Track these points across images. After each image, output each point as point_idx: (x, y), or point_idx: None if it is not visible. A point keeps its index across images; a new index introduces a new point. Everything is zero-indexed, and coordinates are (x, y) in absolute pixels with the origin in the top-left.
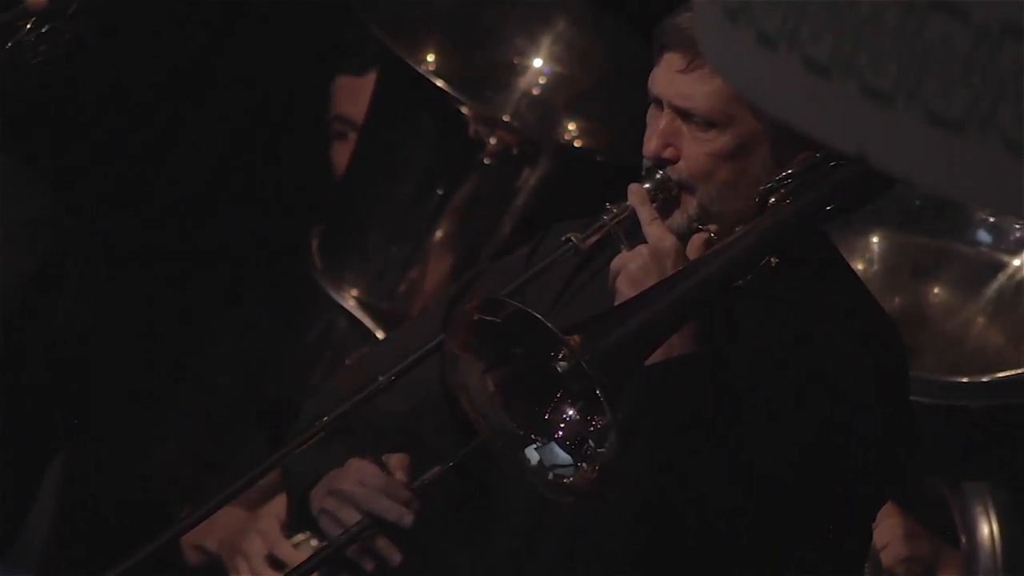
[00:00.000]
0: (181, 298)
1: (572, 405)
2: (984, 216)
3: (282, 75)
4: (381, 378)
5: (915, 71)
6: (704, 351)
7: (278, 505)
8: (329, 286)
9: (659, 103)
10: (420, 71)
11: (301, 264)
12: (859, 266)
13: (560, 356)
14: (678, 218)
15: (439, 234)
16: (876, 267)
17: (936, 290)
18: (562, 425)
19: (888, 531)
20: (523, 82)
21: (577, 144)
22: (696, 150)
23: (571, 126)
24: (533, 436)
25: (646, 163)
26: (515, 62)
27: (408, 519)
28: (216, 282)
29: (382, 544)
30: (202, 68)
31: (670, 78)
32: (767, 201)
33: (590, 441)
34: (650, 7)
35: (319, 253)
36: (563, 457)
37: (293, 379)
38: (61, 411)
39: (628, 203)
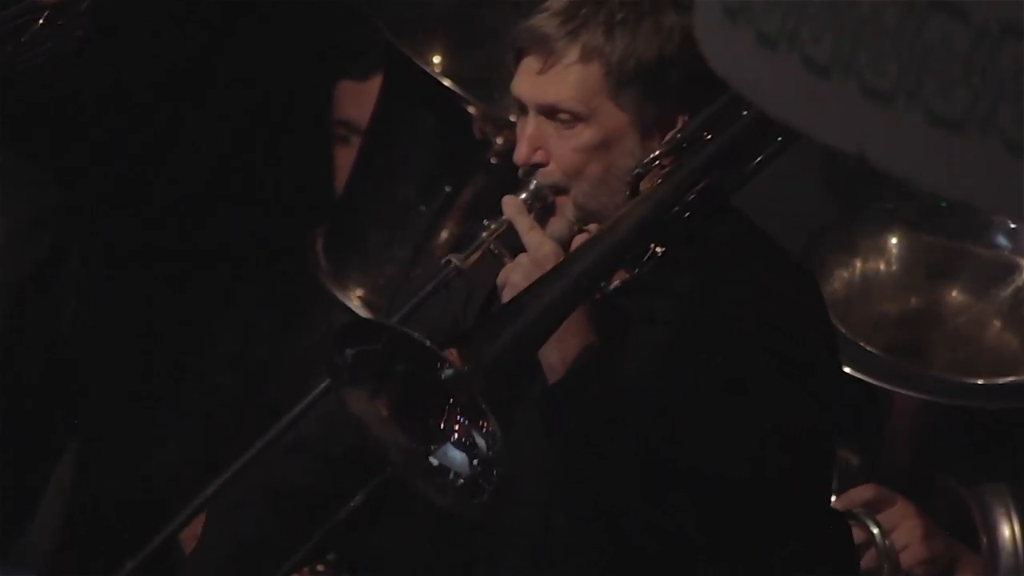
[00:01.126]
0: (181, 298)
1: (462, 412)
2: (1004, 219)
3: (283, 75)
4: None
5: (915, 71)
6: (598, 351)
7: None
8: (333, 286)
9: (524, 110)
10: (427, 70)
11: (305, 264)
12: (878, 266)
13: (444, 366)
14: (557, 224)
15: (444, 234)
16: (894, 267)
17: (953, 291)
18: (456, 429)
19: (907, 533)
20: None
21: None
22: (564, 148)
23: None
24: (432, 447)
25: (521, 173)
26: None
27: None
28: (216, 282)
29: None
30: (203, 68)
31: (531, 81)
32: (638, 185)
33: (481, 445)
34: None
35: (323, 253)
36: (460, 460)
37: (294, 380)
38: (62, 411)
39: (505, 216)
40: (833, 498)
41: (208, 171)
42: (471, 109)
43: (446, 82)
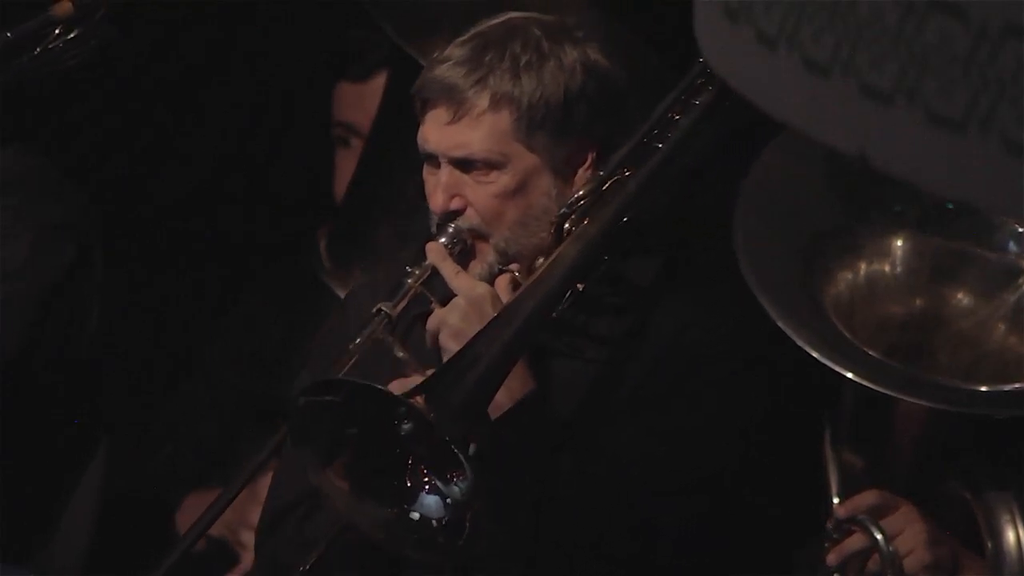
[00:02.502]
0: (185, 297)
1: (426, 465)
2: (1011, 222)
3: (285, 76)
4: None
5: (915, 71)
6: (541, 390)
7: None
8: (337, 286)
9: (433, 160)
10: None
11: (308, 264)
12: (884, 268)
13: (401, 422)
14: (477, 268)
15: None
16: (899, 269)
17: (959, 295)
18: (425, 482)
19: (912, 538)
20: None
21: None
22: (482, 194)
23: None
24: (405, 507)
25: (435, 219)
26: None
27: None
28: (219, 281)
29: None
30: (205, 68)
31: (440, 132)
32: (562, 227)
33: (453, 492)
34: (662, 14)
35: (327, 253)
36: (435, 504)
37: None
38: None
39: (428, 262)
40: (836, 501)
41: (211, 171)
42: None
43: None
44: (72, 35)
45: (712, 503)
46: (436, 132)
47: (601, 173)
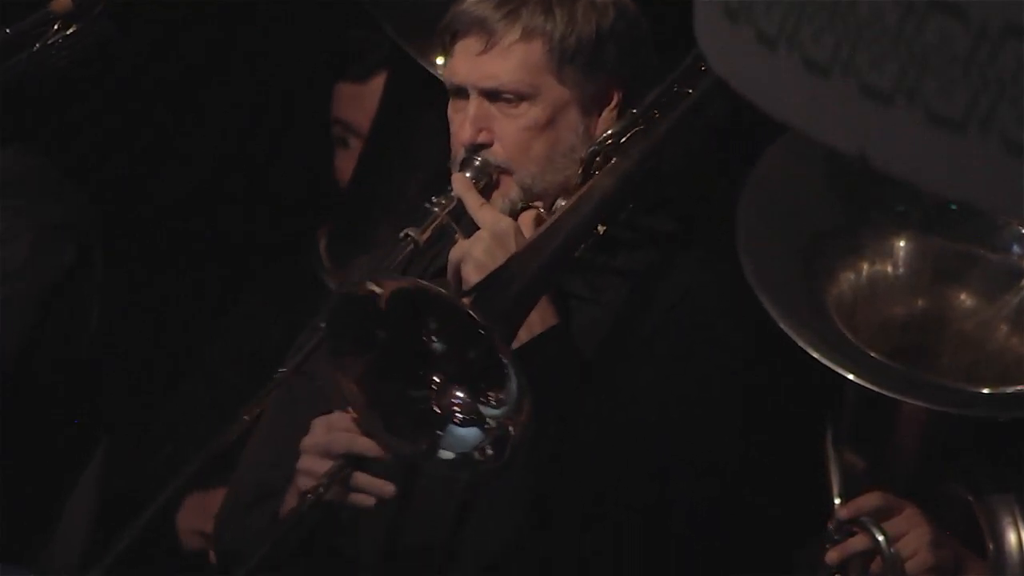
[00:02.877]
0: (185, 297)
1: (459, 386)
2: (1015, 223)
3: (284, 76)
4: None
5: (915, 71)
6: (560, 326)
7: None
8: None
9: (460, 94)
10: (431, 71)
11: (308, 264)
12: (886, 268)
13: (433, 339)
14: (499, 202)
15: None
16: (902, 270)
17: (961, 295)
18: (456, 409)
19: (915, 540)
20: None
21: None
22: (510, 127)
23: None
24: (438, 432)
25: (461, 153)
26: None
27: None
28: (219, 281)
29: (368, 480)
30: (205, 68)
31: (470, 63)
32: (592, 164)
33: (492, 411)
34: (661, 10)
35: (327, 253)
36: (473, 437)
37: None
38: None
39: (454, 193)
40: (838, 502)
41: (210, 171)
42: None
43: None
44: (70, 31)
45: (722, 463)
46: (466, 63)
47: (634, 111)
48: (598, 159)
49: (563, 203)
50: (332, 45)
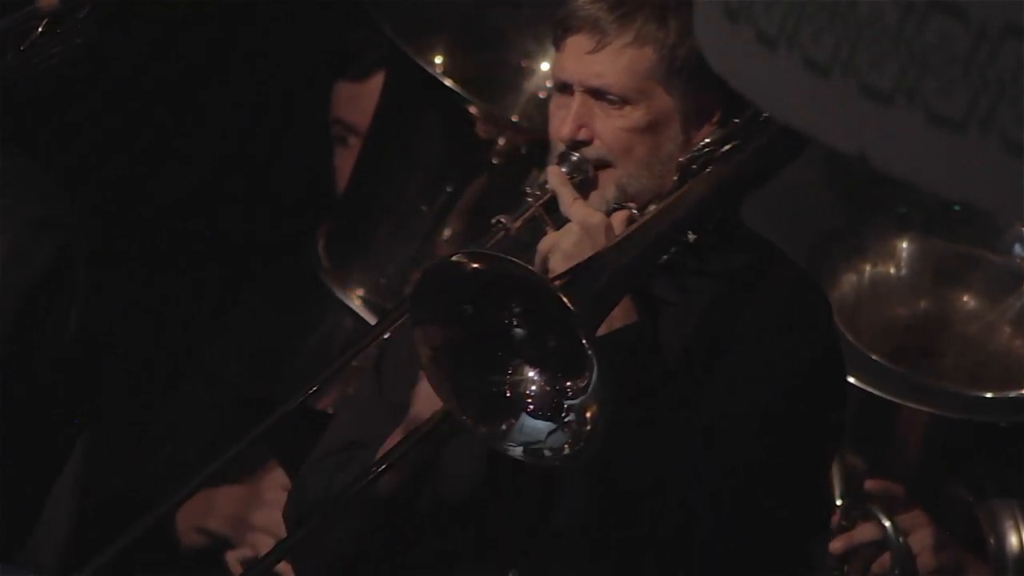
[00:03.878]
0: (185, 297)
1: (536, 371)
2: (1018, 225)
3: (284, 76)
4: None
5: (915, 71)
6: (641, 323)
7: (280, 475)
8: (335, 286)
9: (565, 90)
10: (430, 71)
11: (307, 264)
12: (888, 270)
13: (516, 323)
14: (595, 200)
15: (446, 234)
16: (904, 271)
17: (964, 297)
18: (529, 400)
19: (918, 542)
20: (531, 83)
21: None
22: (612, 126)
23: None
24: (512, 419)
25: (559, 147)
26: (522, 64)
27: None
28: (219, 281)
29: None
30: (205, 68)
31: (579, 60)
32: (689, 169)
33: (569, 403)
34: None
35: (325, 253)
36: (542, 428)
37: (296, 377)
38: (72, 410)
39: (549, 186)
40: (839, 503)
41: (211, 171)
42: (472, 109)
43: (448, 82)
44: (58, 31)
45: (789, 476)
46: (575, 60)
47: (736, 120)
48: (695, 167)
49: (654, 206)
50: (332, 45)
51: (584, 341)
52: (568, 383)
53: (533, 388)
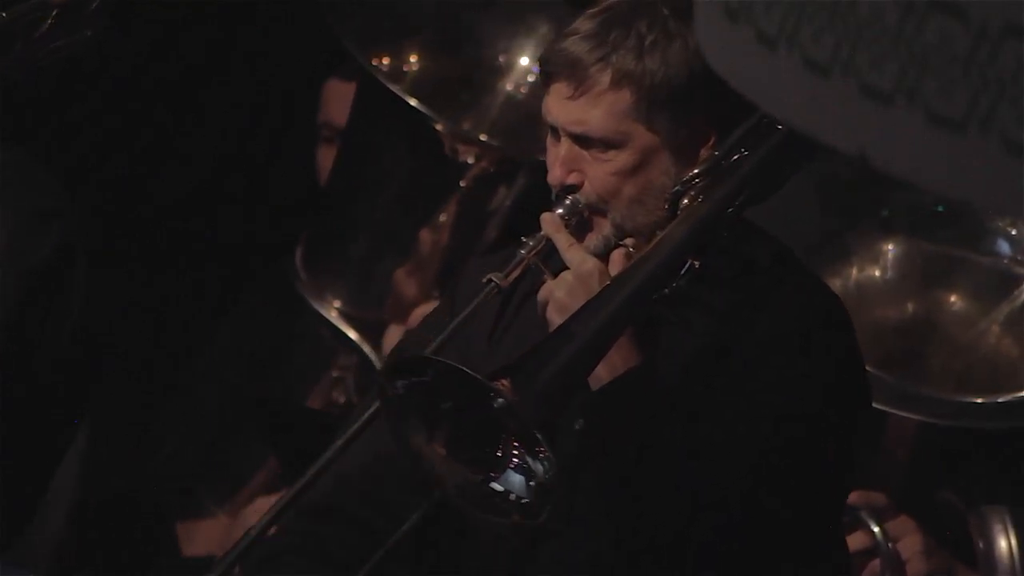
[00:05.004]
0: (185, 297)
1: (516, 439)
2: (1002, 226)
3: (285, 76)
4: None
5: (915, 71)
6: (645, 365)
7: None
8: (312, 297)
9: (555, 132)
10: (393, 89)
11: (284, 274)
12: (874, 272)
13: (495, 398)
14: (594, 240)
15: (422, 244)
16: (890, 274)
17: (951, 298)
18: (513, 455)
19: (907, 548)
20: (505, 86)
21: None
22: (599, 171)
23: None
24: (491, 474)
25: (555, 193)
26: (498, 65)
27: None
28: (219, 281)
29: None
30: (205, 68)
31: (561, 106)
32: (678, 204)
33: (538, 469)
34: None
35: (302, 264)
36: (519, 483)
37: (284, 382)
38: (68, 409)
39: (543, 233)
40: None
41: (208, 172)
42: (439, 126)
43: (412, 101)
44: (67, 22)
45: (803, 501)
46: (557, 105)
47: (716, 153)
48: (684, 201)
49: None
50: (332, 45)
51: (531, 428)
52: (541, 452)
53: (515, 451)
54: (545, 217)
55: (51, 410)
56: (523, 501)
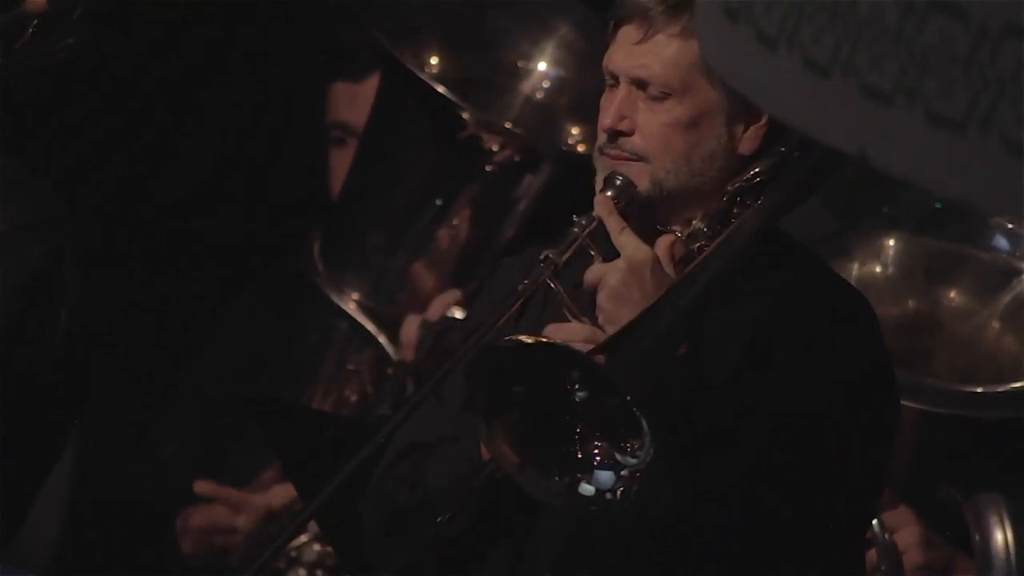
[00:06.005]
0: (185, 297)
1: (599, 434)
2: (1002, 222)
3: (285, 76)
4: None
5: (915, 71)
6: (688, 353)
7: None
8: (330, 289)
9: (614, 84)
10: (423, 76)
11: (302, 267)
12: (875, 269)
13: (576, 387)
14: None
15: (441, 238)
16: (891, 270)
17: (952, 294)
18: (597, 454)
19: (905, 539)
20: (526, 87)
21: (580, 149)
22: (653, 120)
23: (574, 131)
24: (579, 476)
25: (602, 138)
26: (518, 66)
27: None
28: (219, 281)
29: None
30: (205, 68)
31: (627, 51)
32: (735, 200)
33: (627, 460)
34: None
35: (320, 256)
36: (607, 478)
37: (292, 380)
38: (64, 411)
39: (595, 214)
40: None
41: (208, 172)
42: (465, 115)
43: (440, 88)
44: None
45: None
46: (623, 50)
47: (783, 149)
48: (739, 198)
49: (699, 226)
50: (332, 45)
51: (634, 409)
52: (630, 442)
53: (598, 449)
54: (599, 199)
55: (49, 410)
56: (619, 491)
